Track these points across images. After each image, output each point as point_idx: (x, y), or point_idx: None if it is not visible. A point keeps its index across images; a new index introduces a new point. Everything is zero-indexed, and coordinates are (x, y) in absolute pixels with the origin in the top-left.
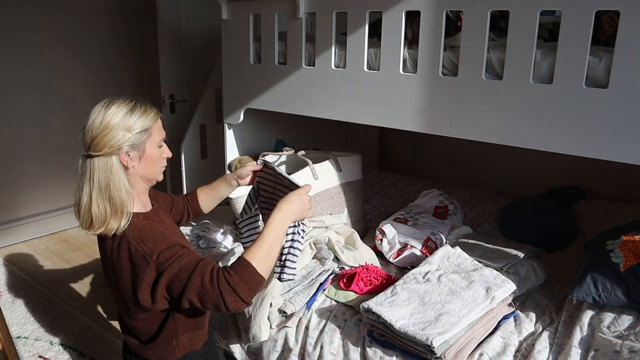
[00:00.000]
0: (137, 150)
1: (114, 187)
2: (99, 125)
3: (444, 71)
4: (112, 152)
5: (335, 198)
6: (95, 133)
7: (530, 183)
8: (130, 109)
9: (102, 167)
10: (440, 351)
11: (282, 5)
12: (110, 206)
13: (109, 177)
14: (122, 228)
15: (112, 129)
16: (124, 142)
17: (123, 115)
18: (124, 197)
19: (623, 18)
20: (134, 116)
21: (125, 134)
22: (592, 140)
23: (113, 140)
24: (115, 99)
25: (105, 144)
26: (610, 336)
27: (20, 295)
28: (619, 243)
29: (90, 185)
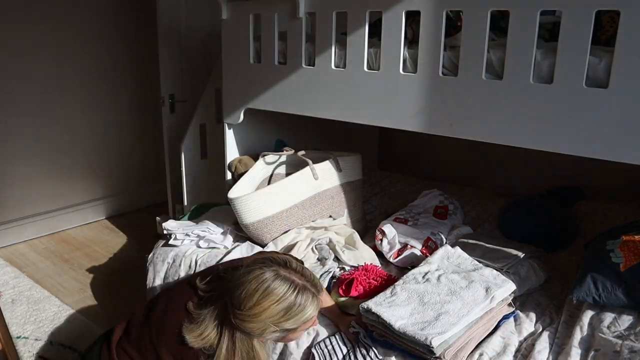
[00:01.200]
0: (275, 340)
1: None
2: (252, 309)
3: (444, 71)
4: (252, 335)
5: (335, 198)
6: (246, 314)
7: (531, 183)
8: (290, 304)
9: (243, 342)
10: (439, 351)
11: (282, 5)
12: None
13: (247, 355)
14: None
15: (262, 321)
16: (268, 333)
17: (279, 311)
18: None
19: (623, 18)
20: (289, 314)
21: (273, 328)
22: (592, 140)
23: (259, 328)
24: (282, 279)
25: (252, 327)
26: (610, 336)
27: (20, 295)
28: (619, 243)
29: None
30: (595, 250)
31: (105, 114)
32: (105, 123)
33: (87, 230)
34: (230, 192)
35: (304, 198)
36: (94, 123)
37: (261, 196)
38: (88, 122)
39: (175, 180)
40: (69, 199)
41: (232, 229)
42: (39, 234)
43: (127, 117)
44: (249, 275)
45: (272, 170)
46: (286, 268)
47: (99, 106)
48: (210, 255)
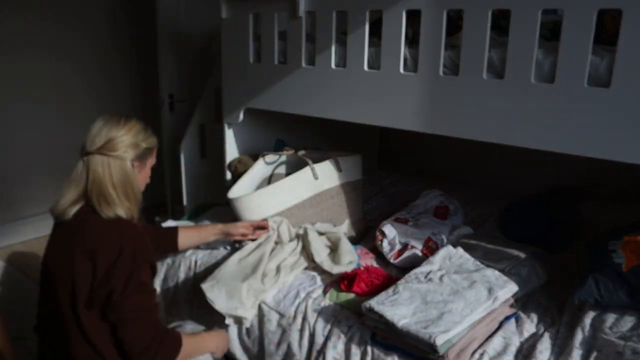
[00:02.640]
0: (140, 162)
1: (133, 184)
2: (118, 128)
3: (445, 70)
4: (125, 156)
5: (336, 198)
6: (113, 135)
7: (532, 183)
8: (143, 128)
9: (119, 166)
10: (443, 350)
11: (282, 4)
12: (125, 196)
13: (127, 175)
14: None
15: (130, 136)
16: (135, 151)
17: (137, 131)
18: (139, 193)
19: (625, 17)
20: (146, 134)
21: (137, 145)
22: (594, 140)
23: (129, 145)
24: (128, 116)
25: (121, 146)
26: (612, 337)
27: (19, 295)
28: (621, 243)
29: (103, 180)
30: (597, 251)
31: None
32: None
33: None
34: (229, 192)
35: (304, 198)
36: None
37: (261, 196)
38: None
39: (175, 180)
40: None
41: None
42: (38, 234)
43: None
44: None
45: (272, 170)
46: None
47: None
48: (210, 255)
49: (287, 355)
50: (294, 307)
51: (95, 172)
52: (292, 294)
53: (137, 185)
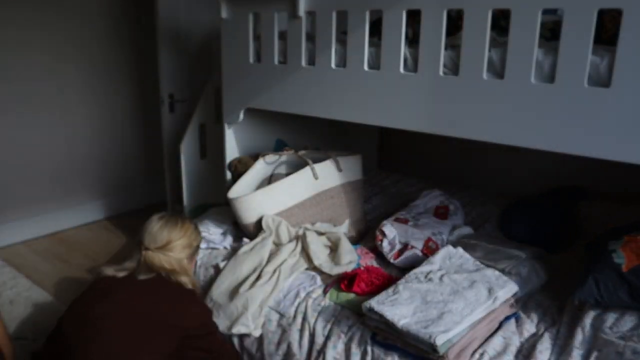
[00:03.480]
0: (192, 257)
1: (189, 273)
2: (175, 233)
3: (445, 70)
4: (181, 256)
5: (336, 198)
6: (172, 238)
7: (532, 183)
8: (195, 228)
9: (176, 261)
10: (443, 349)
11: (282, 4)
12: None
13: (183, 267)
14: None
15: (185, 239)
16: (189, 250)
17: (191, 232)
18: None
19: (625, 17)
20: (197, 233)
21: (191, 245)
22: (594, 140)
23: (185, 246)
24: (184, 219)
25: (179, 248)
26: (612, 337)
27: (19, 295)
28: (621, 243)
29: (164, 264)
30: (597, 251)
31: (105, 113)
32: (104, 123)
33: (86, 230)
34: (229, 192)
35: (304, 198)
36: (93, 123)
37: (261, 196)
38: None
39: (175, 180)
40: (68, 199)
41: (231, 229)
42: (37, 234)
43: (127, 117)
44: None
45: (272, 170)
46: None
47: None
48: (210, 255)
49: (287, 355)
50: (294, 307)
51: (153, 264)
52: (292, 294)
53: (192, 275)
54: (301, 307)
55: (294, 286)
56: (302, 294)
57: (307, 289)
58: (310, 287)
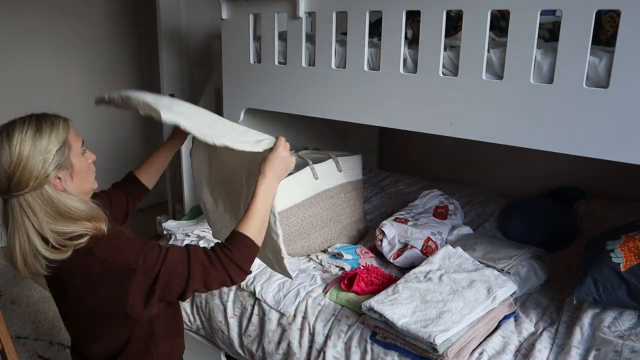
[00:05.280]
0: (65, 168)
1: (67, 209)
2: (9, 161)
3: (444, 71)
4: (40, 183)
5: (336, 198)
6: (10, 171)
7: (531, 183)
8: (36, 129)
9: (40, 201)
10: (442, 349)
11: (282, 4)
12: (75, 224)
13: (55, 206)
14: (104, 230)
15: (28, 160)
16: (49, 167)
17: (32, 139)
18: (84, 207)
19: (624, 18)
20: (44, 134)
21: (45, 158)
22: (592, 140)
23: (35, 170)
24: (12, 123)
25: (29, 178)
26: (611, 336)
27: (20, 295)
28: (620, 243)
29: (35, 223)
30: (595, 250)
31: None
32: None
33: None
34: None
35: (304, 198)
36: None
37: None
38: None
39: (175, 180)
40: None
41: None
42: None
43: (127, 117)
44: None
45: None
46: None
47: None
48: None
49: (287, 354)
50: (294, 306)
51: (15, 220)
52: (292, 293)
53: (75, 200)
54: (301, 307)
55: (294, 285)
56: (302, 294)
57: (307, 288)
58: (310, 287)
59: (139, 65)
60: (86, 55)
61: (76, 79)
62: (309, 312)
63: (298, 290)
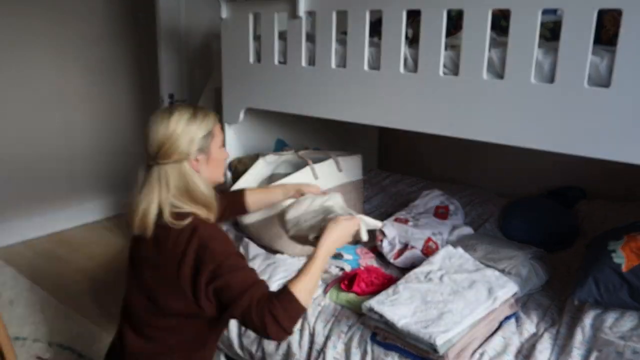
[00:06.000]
0: (204, 153)
1: (195, 188)
2: (164, 133)
3: (445, 70)
4: (181, 158)
5: None
6: (162, 141)
7: (532, 183)
8: (192, 114)
9: (177, 174)
10: (443, 350)
11: (282, 4)
12: (194, 205)
13: (186, 182)
14: (211, 220)
15: (179, 136)
16: (192, 147)
17: (186, 122)
18: (207, 193)
19: (625, 17)
20: (196, 121)
21: (192, 139)
22: (594, 140)
23: (182, 146)
24: (175, 106)
25: (174, 151)
26: (612, 337)
27: (19, 296)
28: (621, 243)
29: (164, 192)
30: (596, 251)
31: (105, 113)
32: (104, 123)
33: (86, 230)
34: None
35: None
36: (94, 122)
37: None
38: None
39: None
40: (68, 199)
41: (232, 230)
42: (37, 234)
43: (127, 117)
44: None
45: (272, 170)
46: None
47: (99, 106)
48: None
49: (287, 354)
50: None
51: (150, 185)
52: None
53: (202, 185)
54: None
55: None
56: None
57: None
58: None
59: (138, 65)
60: (86, 55)
61: (76, 79)
62: (308, 312)
63: None
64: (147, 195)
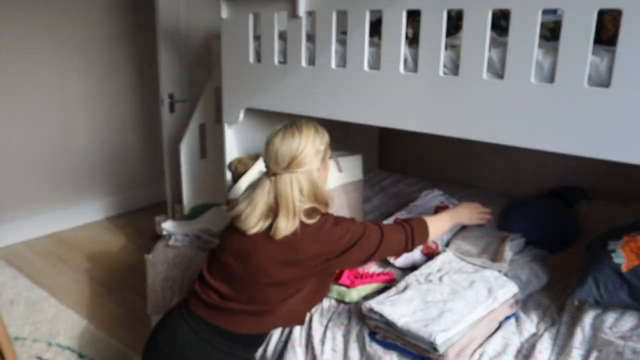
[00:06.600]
0: (323, 163)
1: (320, 191)
2: (297, 147)
3: (445, 70)
4: (310, 168)
5: (336, 199)
6: (295, 154)
7: (531, 183)
8: (315, 129)
9: (307, 179)
10: (443, 348)
11: (282, 4)
12: (318, 204)
13: (314, 184)
14: (331, 213)
15: (309, 150)
16: (318, 159)
17: (313, 136)
18: (328, 194)
19: (625, 17)
20: (319, 136)
21: (318, 151)
22: (593, 140)
23: (309, 157)
24: (299, 122)
25: (304, 162)
26: (612, 337)
27: (19, 296)
28: (621, 243)
29: (297, 196)
30: (596, 251)
31: (105, 114)
32: (104, 123)
33: (86, 230)
34: (229, 193)
35: None
36: (94, 123)
37: None
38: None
39: (175, 180)
40: (68, 199)
41: None
42: (37, 235)
43: (127, 117)
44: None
45: None
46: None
47: (99, 106)
48: None
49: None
50: None
51: (283, 190)
52: None
53: (323, 188)
54: None
55: None
56: None
57: None
58: None
59: (138, 65)
60: (85, 55)
61: (76, 79)
62: None
63: None
64: (273, 198)
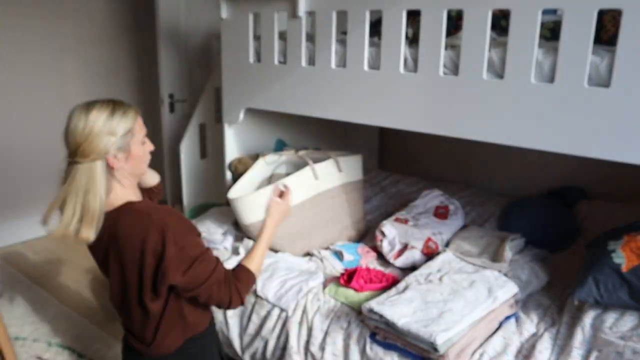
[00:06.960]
0: (124, 151)
1: (91, 194)
2: (82, 132)
3: (445, 70)
4: (98, 157)
5: (336, 199)
6: (80, 140)
7: (531, 183)
8: (111, 112)
9: (85, 173)
10: (443, 349)
11: (282, 4)
12: (81, 213)
13: (88, 184)
14: (92, 237)
15: (96, 136)
16: (110, 147)
17: (105, 120)
18: (97, 207)
19: (625, 17)
20: (115, 119)
21: (110, 139)
22: (594, 140)
23: (99, 146)
24: (93, 102)
25: (92, 150)
26: (612, 337)
27: (19, 296)
28: (621, 243)
29: (72, 191)
30: (596, 251)
31: None
32: None
33: None
34: (230, 193)
35: (304, 198)
36: None
37: (261, 196)
38: None
39: (175, 180)
40: None
41: (232, 230)
42: (37, 235)
43: None
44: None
45: (272, 170)
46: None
47: None
48: None
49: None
50: (295, 302)
51: (72, 183)
52: (295, 289)
53: (102, 190)
54: (301, 303)
55: (296, 282)
56: (304, 289)
57: (310, 284)
58: (312, 283)
59: (138, 65)
60: (85, 55)
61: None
62: (308, 308)
63: (300, 287)
64: (67, 194)
